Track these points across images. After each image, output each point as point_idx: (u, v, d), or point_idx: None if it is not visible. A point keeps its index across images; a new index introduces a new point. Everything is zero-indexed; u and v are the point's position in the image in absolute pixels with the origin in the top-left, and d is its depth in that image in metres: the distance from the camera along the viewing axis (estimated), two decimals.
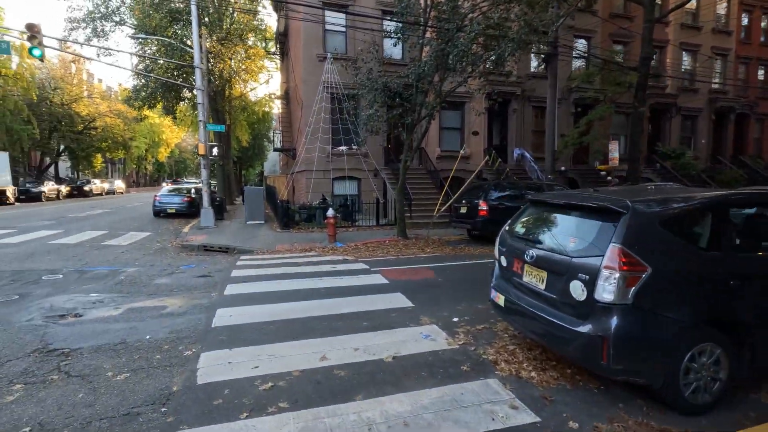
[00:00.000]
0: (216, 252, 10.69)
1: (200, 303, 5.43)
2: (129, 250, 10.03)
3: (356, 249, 10.36)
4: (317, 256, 9.27)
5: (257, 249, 10.58)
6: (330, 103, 16.32)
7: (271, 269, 7.58)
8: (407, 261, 8.56)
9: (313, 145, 16.05)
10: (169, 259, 8.95)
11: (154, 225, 15.59)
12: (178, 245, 11.38)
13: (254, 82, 28.41)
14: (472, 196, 11.32)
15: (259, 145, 43.17)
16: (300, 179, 17.96)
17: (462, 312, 5.14)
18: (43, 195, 29.97)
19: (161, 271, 7.46)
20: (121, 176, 57.10)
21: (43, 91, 33.04)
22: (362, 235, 12.54)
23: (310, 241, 11.66)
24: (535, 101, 20.06)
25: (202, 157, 14.31)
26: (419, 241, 11.54)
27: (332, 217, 11.49)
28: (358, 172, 16.93)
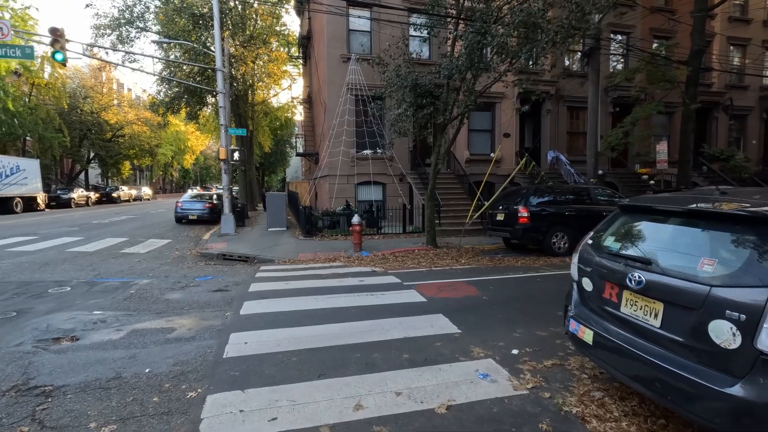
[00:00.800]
0: (235, 261, 10.10)
1: (212, 324, 4.72)
2: (146, 259, 9.54)
3: (384, 259, 9.57)
4: (343, 267, 8.52)
5: (278, 258, 9.93)
6: (354, 105, 15.68)
7: (293, 282, 6.85)
8: (442, 274, 7.69)
9: (337, 149, 15.42)
10: (186, 270, 8.37)
11: (174, 232, 15.24)
12: (197, 253, 10.87)
13: (277, 87, 28.27)
14: (509, 202, 10.36)
15: (281, 152, 43.13)
16: (323, 185, 17.36)
17: (521, 341, 4.25)
18: (72, 201, 30.54)
19: (175, 284, 6.85)
20: (149, 183, 58.36)
21: (74, 100, 33.88)
22: (389, 244, 11.75)
23: (334, 250, 10.94)
24: (570, 101, 18.93)
25: (223, 162, 13.86)
26: (451, 250, 10.66)
27: (358, 225, 10.75)
28: (383, 177, 16.20)
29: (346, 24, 15.96)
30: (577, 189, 10.71)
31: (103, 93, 35.21)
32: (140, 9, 17.66)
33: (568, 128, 19.37)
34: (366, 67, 15.74)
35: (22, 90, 29.17)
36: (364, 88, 15.36)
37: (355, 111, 15.72)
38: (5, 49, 12.01)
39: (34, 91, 29.39)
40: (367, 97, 15.35)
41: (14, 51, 12.10)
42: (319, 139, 19.23)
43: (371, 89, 15.42)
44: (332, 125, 15.46)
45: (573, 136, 19.66)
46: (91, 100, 34.33)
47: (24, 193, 25.06)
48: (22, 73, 28.56)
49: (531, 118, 19.32)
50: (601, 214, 10.21)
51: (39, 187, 26.72)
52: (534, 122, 19.50)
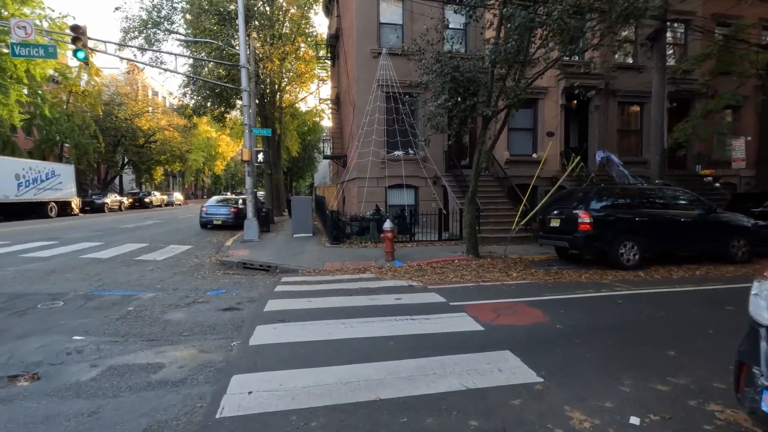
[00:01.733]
0: (256, 270, 9.17)
1: (212, 360, 3.66)
2: (160, 267, 8.73)
3: (421, 271, 8.36)
4: (375, 280, 7.38)
5: (302, 268, 8.91)
6: (384, 102, 14.63)
7: (318, 300, 5.76)
8: (494, 291, 6.41)
9: (366, 150, 14.38)
10: (199, 281, 7.46)
11: (197, 237, 14.59)
12: (216, 261, 10.03)
13: (304, 91, 27.74)
14: (565, 206, 8.94)
15: (309, 156, 42.77)
16: (351, 188, 16.36)
17: (636, 400, 2.96)
18: (105, 206, 31.01)
19: (181, 300, 5.89)
20: (181, 188, 59.53)
21: (110, 107, 34.62)
22: (424, 252, 10.53)
23: (364, 259, 9.84)
24: (621, 96, 17.18)
25: (247, 164, 13.08)
26: (496, 261, 9.33)
27: (390, 231, 9.61)
28: (415, 179, 15.02)
29: (376, 17, 14.98)
30: (649, 191, 9.15)
31: (137, 100, 35.85)
32: (167, 11, 17.35)
33: (619, 126, 17.60)
34: (397, 62, 14.69)
35: (60, 97, 29.95)
36: (395, 84, 14.30)
37: (385, 109, 14.66)
38: (29, 48, 11.72)
39: (71, 99, 30.10)
40: (399, 93, 14.26)
41: (38, 50, 11.78)
42: (347, 141, 18.30)
43: (403, 85, 14.33)
44: (361, 124, 14.45)
45: (624, 134, 17.88)
46: (125, 106, 34.98)
47: (59, 197, 25.45)
48: (61, 81, 29.33)
49: (577, 116, 17.69)
50: (678, 221, 8.71)
51: (73, 191, 27.14)
52: (580, 120, 17.83)
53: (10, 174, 21.36)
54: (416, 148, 14.90)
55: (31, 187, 22.95)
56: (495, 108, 9.31)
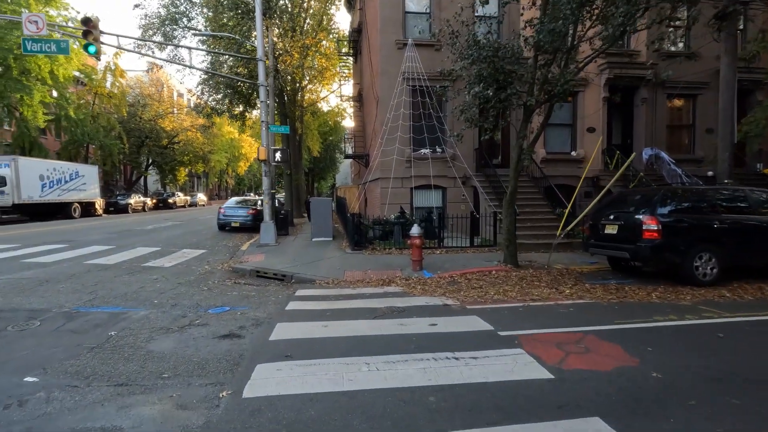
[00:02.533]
0: (270, 279, 8.29)
1: (188, 425, 2.68)
2: (166, 276, 7.95)
3: (454, 284, 7.26)
4: (402, 296, 6.33)
5: (320, 278, 7.95)
6: (410, 96, 13.57)
7: (335, 323, 4.76)
8: (549, 315, 5.24)
9: (390, 148, 13.36)
10: (204, 293, 6.59)
11: (213, 240, 13.90)
12: (228, 268, 9.21)
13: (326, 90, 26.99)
14: (623, 211, 7.65)
15: (331, 157, 42.13)
16: (373, 189, 15.38)
17: None
18: (129, 207, 31.10)
19: (175, 321, 4.99)
20: (205, 189, 60.09)
21: (134, 108, 34.86)
22: (455, 261, 9.41)
23: (389, 267, 8.82)
24: (670, 87, 15.52)
25: (264, 164, 12.27)
26: (539, 272, 8.14)
27: (418, 237, 8.54)
28: (443, 179, 13.88)
29: (401, 5, 13.94)
30: (728, 192, 7.74)
31: (161, 101, 35.99)
32: (185, 6, 16.82)
33: (668, 120, 15.95)
34: (424, 53, 13.62)
35: (86, 99, 30.22)
36: (422, 76, 13.22)
37: (411, 103, 13.60)
38: (41, 44, 11.28)
39: (97, 100, 30.34)
40: (426, 87, 13.18)
41: (49, 46, 11.32)
42: (369, 139, 17.34)
43: (431, 77, 13.25)
44: (385, 120, 13.44)
45: (674, 129, 16.23)
46: (149, 107, 35.16)
47: (82, 198, 25.52)
48: (87, 83, 29.57)
49: (620, 110, 16.15)
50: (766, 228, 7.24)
51: (97, 192, 27.22)
52: (624, 114, 16.27)
53: (34, 175, 21.39)
54: (444, 146, 13.77)
55: (55, 188, 23.00)
56: (539, 98, 8.12)
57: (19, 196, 20.33)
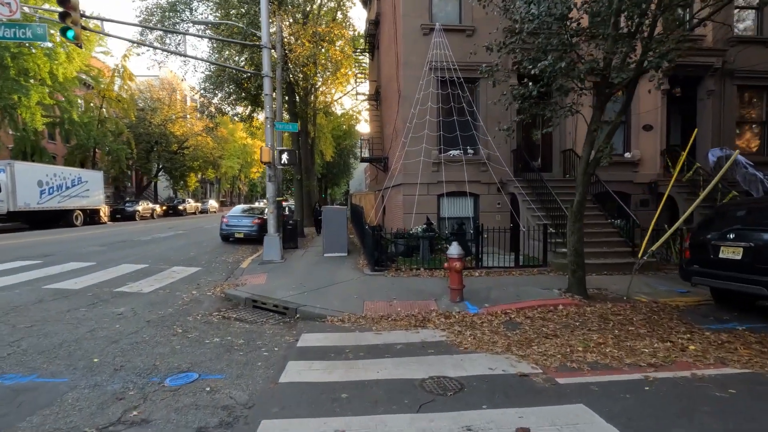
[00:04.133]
0: (269, 312, 6.48)
1: None
2: (135, 310, 6.19)
3: (514, 326, 5.31)
4: (449, 352, 4.41)
5: (332, 312, 6.09)
6: (438, 88, 11.70)
7: (357, 423, 2.88)
8: (706, 403, 3.25)
9: (415, 148, 11.49)
10: (174, 342, 4.79)
11: (212, 255, 12.19)
12: (220, 294, 7.44)
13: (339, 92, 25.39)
14: (755, 227, 5.56)
15: (344, 162, 40.48)
16: (394, 197, 13.50)
17: None
18: (137, 214, 29.87)
19: (104, 408, 3.17)
20: (217, 196, 59.18)
21: (143, 112, 33.84)
22: (502, 287, 7.43)
23: (418, 296, 6.94)
24: (740, 78, 13.31)
25: (268, 166, 10.52)
26: (621, 306, 6.15)
27: (458, 260, 6.61)
28: (476, 185, 11.91)
29: None
30: None
31: (171, 104, 34.94)
32: None
33: (739, 116, 13.72)
34: (454, 38, 11.76)
35: (94, 102, 29.23)
36: (451, 65, 11.36)
37: (439, 97, 11.72)
38: (14, 29, 9.82)
39: (104, 104, 29.33)
40: (457, 78, 11.31)
41: (24, 32, 9.83)
42: (389, 141, 15.50)
43: (462, 67, 11.38)
44: (410, 117, 11.58)
45: (748, 126, 13.98)
46: (159, 111, 34.12)
47: (85, 205, 24.29)
48: (94, 86, 28.58)
49: (681, 105, 13.99)
50: None
51: (101, 199, 26.00)
52: (685, 110, 14.10)
53: (32, 181, 20.17)
54: (478, 145, 11.85)
55: (55, 195, 21.77)
56: (632, 71, 6.14)
57: (14, 203, 19.09)
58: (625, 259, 9.47)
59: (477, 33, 11.82)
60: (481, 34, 11.55)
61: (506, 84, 12.17)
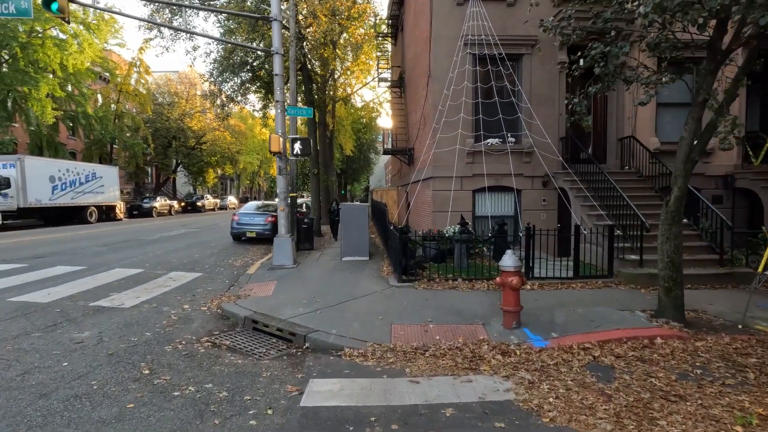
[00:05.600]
0: (272, 337, 5.09)
1: None
2: (107, 333, 4.90)
3: (605, 374, 3.71)
4: (525, 425, 2.88)
5: (351, 342, 4.64)
6: (473, 64, 10.06)
7: None
8: None
9: (448, 135, 9.89)
10: (138, 387, 3.44)
11: (219, 257, 10.95)
12: (216, 310, 6.11)
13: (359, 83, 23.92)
14: None
15: (365, 157, 39.04)
16: (422, 192, 11.95)
17: None
18: (154, 211, 29.29)
19: None
20: (236, 192, 58.81)
21: (160, 107, 33.22)
22: (564, 305, 5.80)
23: (460, 316, 5.42)
24: None
25: (278, 157, 9.13)
26: (740, 339, 4.46)
27: (515, 274, 5.05)
28: (517, 179, 10.22)
29: None
30: None
31: (188, 99, 34.22)
32: None
33: None
34: (494, 8, 10.09)
35: (110, 97, 28.69)
36: (490, 39, 9.70)
37: (475, 76, 10.08)
38: None
39: (121, 98, 28.75)
40: (498, 54, 9.65)
41: (7, 6, 8.74)
42: (414, 130, 13.92)
43: (504, 41, 9.73)
44: (441, 100, 9.98)
45: None
46: (176, 105, 33.45)
47: (100, 201, 23.68)
48: (110, 80, 27.99)
49: (757, 84, 11.87)
50: None
51: (117, 195, 25.39)
52: (762, 90, 11.99)
53: (43, 176, 19.53)
54: (522, 131, 10.16)
55: (68, 191, 21.14)
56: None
57: (25, 199, 18.45)
58: (711, 269, 7.68)
59: (520, 1, 10.14)
60: (523, 3, 9.88)
61: (553, 61, 10.42)
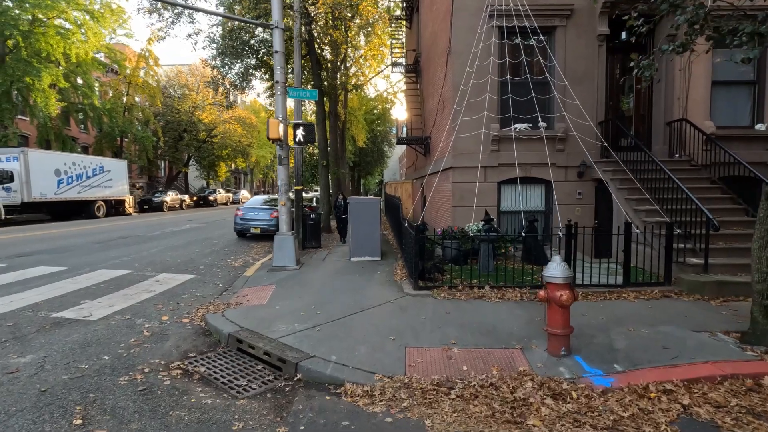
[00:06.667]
0: (259, 362, 4.10)
1: None
2: (54, 357, 3.98)
3: None
4: None
5: (354, 374, 3.56)
6: (501, 38, 8.81)
7: None
8: None
9: (471, 117, 8.70)
10: None
11: (217, 256, 10.04)
12: (199, 322, 5.16)
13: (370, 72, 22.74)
14: None
15: (378, 150, 37.86)
16: (440, 185, 10.79)
17: None
18: (164, 205, 28.82)
19: None
20: (250, 186, 58.43)
21: (171, 99, 32.65)
22: (621, 323, 4.62)
23: (491, 336, 4.31)
24: None
25: (278, 145, 8.10)
26: None
27: (565, 287, 3.90)
28: (549, 169, 8.96)
29: None
30: None
31: (198, 91, 33.56)
32: None
33: None
34: None
35: (119, 89, 28.18)
36: (520, 10, 8.43)
37: (502, 49, 8.82)
38: None
39: (130, 90, 28.21)
40: (530, 26, 8.39)
41: None
42: (431, 118, 12.74)
43: (535, 11, 8.45)
44: (462, 79, 8.77)
45: None
46: (186, 98, 32.83)
47: (108, 196, 23.18)
48: (120, 72, 27.45)
49: None
50: None
51: (125, 189, 24.88)
52: None
53: (48, 169, 19.02)
54: (556, 112, 8.89)
55: (74, 185, 20.63)
56: None
57: (29, 193, 17.96)
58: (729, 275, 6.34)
59: None
60: None
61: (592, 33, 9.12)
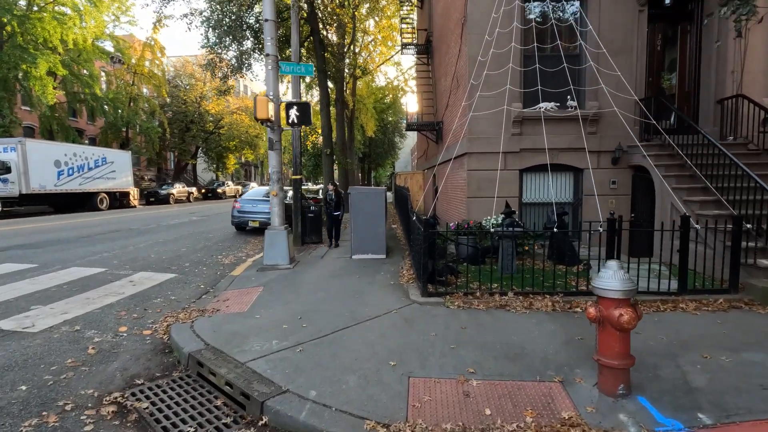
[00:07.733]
0: (219, 394, 3.12)
1: None
2: None
3: None
4: None
5: (336, 418, 2.54)
6: (521, 12, 7.62)
7: None
8: None
9: (490, 93, 7.55)
10: None
11: (207, 252, 9.16)
12: (163, 335, 4.25)
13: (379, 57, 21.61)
14: None
15: (389, 140, 36.69)
16: (454, 173, 9.69)
17: None
18: (171, 197, 28.26)
19: None
20: (260, 179, 57.90)
21: (177, 90, 32.01)
22: (688, 346, 3.51)
23: (519, 362, 3.22)
24: None
25: (269, 127, 7.11)
26: None
27: (625, 302, 2.80)
28: (579, 155, 7.79)
29: None
30: None
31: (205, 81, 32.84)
32: None
33: None
34: None
35: (124, 79, 27.58)
36: None
37: (524, 18, 7.64)
38: None
39: (135, 80, 27.59)
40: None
41: None
42: (443, 100, 11.59)
43: None
44: (479, 50, 7.62)
45: None
46: (193, 87, 32.14)
47: (111, 188, 22.62)
48: (125, 61, 26.81)
49: None
50: None
51: (129, 181, 24.31)
52: None
53: (47, 161, 18.45)
54: (589, 87, 7.70)
55: (75, 176, 20.07)
56: None
57: (27, 184, 17.42)
58: None
59: None
60: None
61: None
